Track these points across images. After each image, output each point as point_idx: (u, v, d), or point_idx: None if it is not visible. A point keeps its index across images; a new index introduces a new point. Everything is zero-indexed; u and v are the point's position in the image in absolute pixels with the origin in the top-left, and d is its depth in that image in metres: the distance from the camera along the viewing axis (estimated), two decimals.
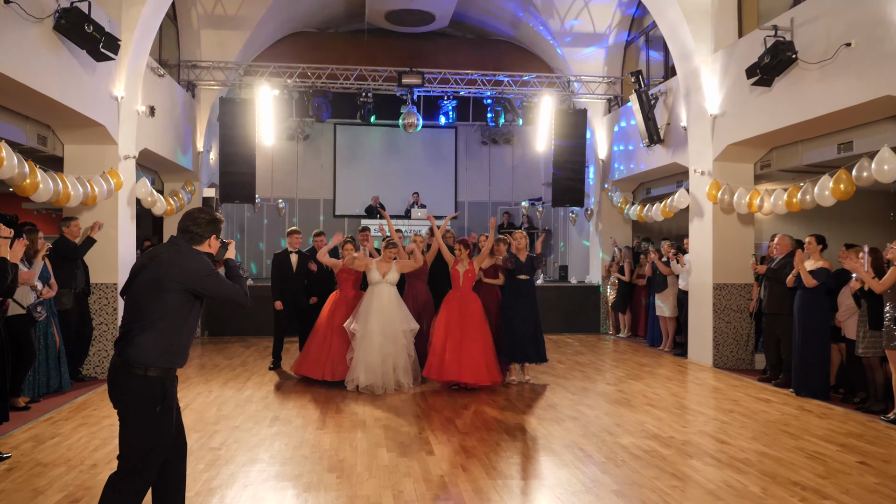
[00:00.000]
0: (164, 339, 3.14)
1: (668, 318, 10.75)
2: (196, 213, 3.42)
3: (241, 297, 3.32)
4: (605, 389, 7.64)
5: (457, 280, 7.85)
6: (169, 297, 3.14)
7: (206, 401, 6.91)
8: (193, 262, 3.22)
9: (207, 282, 3.21)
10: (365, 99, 12.50)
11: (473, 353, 7.52)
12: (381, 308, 7.55)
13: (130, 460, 3.15)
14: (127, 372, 3.11)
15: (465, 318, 7.62)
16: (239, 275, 3.50)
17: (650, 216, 11.28)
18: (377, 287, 7.67)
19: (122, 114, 8.40)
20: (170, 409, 3.21)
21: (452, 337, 7.51)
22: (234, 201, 12.26)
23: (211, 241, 3.41)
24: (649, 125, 10.76)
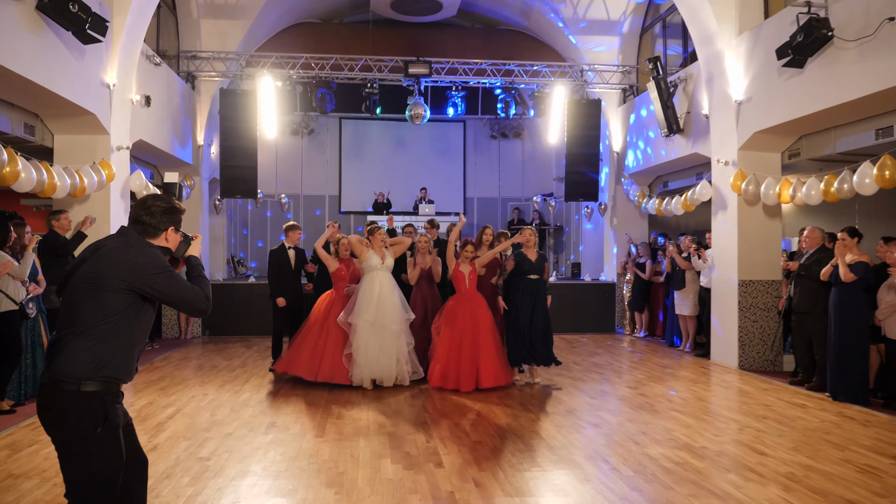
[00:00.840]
0: (98, 347, 2.62)
1: (689, 316, 10.23)
2: (150, 200, 2.89)
3: (199, 301, 2.78)
4: (626, 393, 7.15)
5: (462, 282, 7.41)
6: (109, 298, 2.64)
7: (199, 405, 6.47)
8: (139, 258, 2.69)
9: (156, 280, 2.68)
10: (370, 90, 12.04)
11: (488, 359, 7.19)
12: (381, 297, 7.22)
13: (78, 495, 2.61)
14: (56, 388, 2.59)
15: (476, 323, 7.25)
16: (201, 275, 2.92)
17: (669, 210, 10.77)
18: (375, 274, 7.28)
19: (115, 102, 7.98)
20: (114, 428, 2.65)
21: (466, 347, 7.18)
22: (235, 196, 11.84)
23: (168, 234, 2.88)
24: (668, 114, 10.25)
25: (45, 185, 6.45)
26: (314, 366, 7.40)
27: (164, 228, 2.85)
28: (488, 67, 12.47)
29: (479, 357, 7.16)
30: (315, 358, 7.42)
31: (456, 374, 7.13)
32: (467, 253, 7.48)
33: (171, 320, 11.66)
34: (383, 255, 7.49)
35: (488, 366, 7.17)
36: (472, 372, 7.13)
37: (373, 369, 7.24)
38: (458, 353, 7.16)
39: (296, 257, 8.45)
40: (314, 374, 7.37)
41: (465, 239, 7.75)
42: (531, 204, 16.42)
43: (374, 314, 7.15)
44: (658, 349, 10.51)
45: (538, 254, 7.82)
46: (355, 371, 7.26)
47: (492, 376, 7.16)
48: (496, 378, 7.19)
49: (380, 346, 7.23)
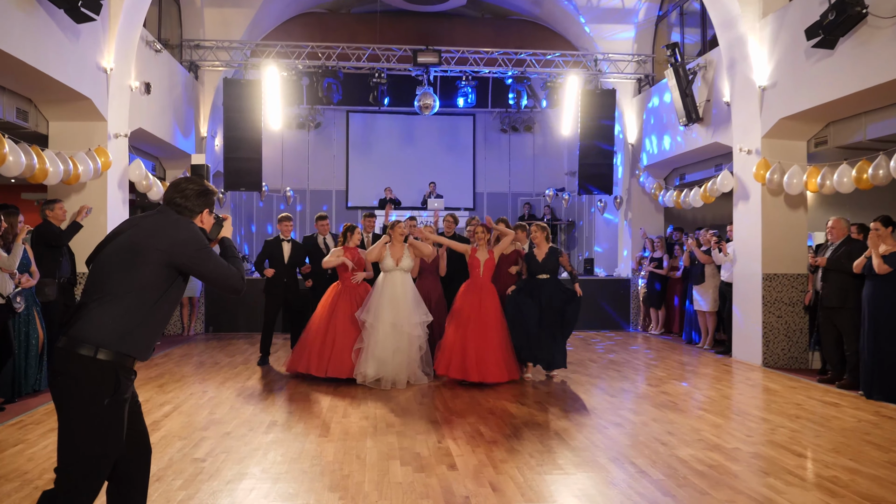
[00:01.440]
0: (126, 318, 2.54)
1: (708, 312, 9.84)
2: (183, 182, 2.85)
3: (236, 280, 2.76)
4: (648, 391, 6.78)
5: (476, 269, 7.12)
6: (144, 270, 2.57)
7: (198, 402, 6.15)
8: (183, 233, 2.65)
9: (198, 256, 2.65)
10: (378, 80, 11.69)
11: (495, 352, 6.86)
12: (394, 298, 6.91)
13: (70, 473, 2.48)
14: (71, 353, 2.49)
15: (484, 312, 6.93)
16: (236, 255, 2.92)
17: (688, 202, 10.37)
18: (391, 275, 6.97)
19: (112, 88, 7.68)
20: (121, 406, 2.53)
21: (473, 335, 6.83)
22: (239, 189, 11.52)
23: (203, 216, 2.86)
24: (687, 102, 9.86)
25: (35, 169, 6.14)
26: (323, 362, 7.10)
27: (198, 211, 2.82)
28: (499, 57, 12.11)
29: (485, 348, 6.81)
30: (324, 353, 7.12)
31: (461, 361, 6.79)
32: (479, 237, 7.14)
33: (173, 317, 11.36)
34: (399, 255, 7.12)
35: (494, 359, 6.83)
36: (477, 361, 6.77)
37: (385, 370, 6.90)
38: (462, 340, 6.83)
39: (291, 250, 8.18)
40: (324, 370, 7.08)
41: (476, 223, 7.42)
42: (542, 199, 16.07)
43: (387, 314, 6.84)
44: (676, 346, 10.12)
45: (549, 249, 7.45)
46: (364, 369, 6.95)
47: (496, 370, 6.82)
48: (500, 373, 6.85)
49: (392, 347, 6.89)
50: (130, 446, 2.68)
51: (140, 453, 2.75)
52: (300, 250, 8.42)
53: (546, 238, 7.53)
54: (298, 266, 8.40)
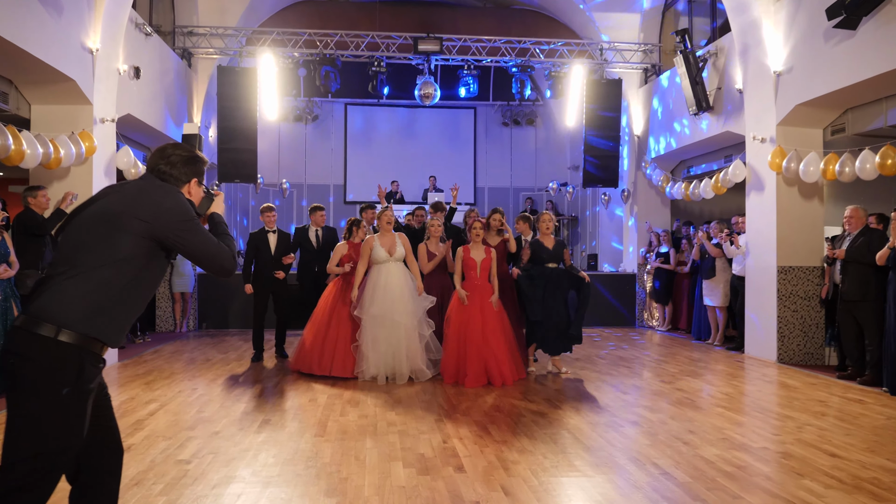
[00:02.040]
0: (96, 296, 2.21)
1: (719, 307, 9.50)
2: (169, 148, 2.53)
3: (226, 258, 2.43)
4: (662, 388, 6.43)
5: (472, 270, 6.72)
6: (122, 240, 2.25)
7: (186, 400, 5.79)
8: (168, 201, 2.33)
9: (183, 228, 2.31)
10: (378, 68, 11.34)
11: (500, 356, 6.52)
12: (387, 289, 6.60)
13: (14, 470, 2.11)
14: (29, 332, 2.16)
15: (486, 317, 6.56)
16: (227, 233, 2.60)
17: (697, 193, 10.04)
18: (385, 266, 6.67)
19: (98, 70, 7.31)
20: (83, 397, 2.20)
21: (474, 343, 6.48)
22: (233, 181, 11.15)
23: (191, 186, 2.53)
24: (697, 90, 9.52)
25: (10, 150, 5.76)
26: (326, 361, 6.83)
27: (185, 180, 2.50)
28: (502, 46, 11.76)
29: (488, 354, 6.48)
30: (326, 353, 6.85)
31: (472, 373, 6.45)
32: (476, 232, 6.79)
33: (165, 313, 11.00)
34: (392, 245, 6.81)
35: (499, 364, 6.50)
36: (480, 369, 6.46)
37: (384, 365, 6.61)
38: (465, 348, 6.49)
39: (277, 241, 7.87)
40: (328, 370, 6.81)
41: (474, 216, 7.06)
42: (544, 193, 15.74)
43: (380, 307, 6.55)
44: (685, 343, 9.79)
45: (556, 241, 7.17)
46: (362, 366, 6.67)
47: (500, 376, 6.51)
48: (510, 374, 6.57)
49: (389, 341, 6.59)
50: (98, 446, 2.34)
51: (109, 454, 2.40)
52: (286, 241, 8.12)
53: (555, 230, 7.31)
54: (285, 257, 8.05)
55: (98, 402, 2.32)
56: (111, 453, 2.40)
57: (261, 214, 8.19)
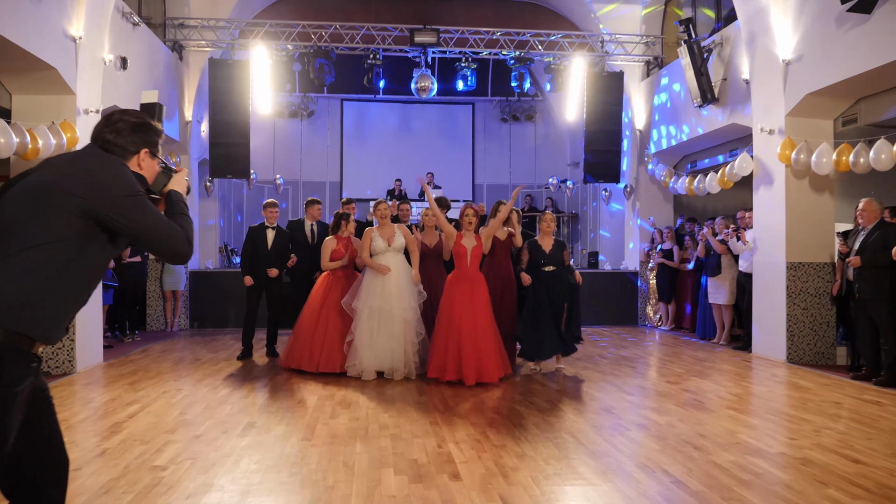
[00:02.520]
0: (22, 284, 1.91)
1: (725, 306, 9.23)
2: (117, 114, 2.20)
3: (179, 241, 2.10)
4: (668, 389, 6.15)
5: (463, 258, 6.42)
6: (54, 219, 1.95)
7: (169, 402, 5.50)
8: (106, 172, 2.02)
9: (124, 205, 2.00)
10: (373, 61, 11.06)
11: (491, 349, 6.23)
12: (388, 280, 6.39)
13: None
14: None
15: (476, 307, 6.25)
16: (184, 213, 2.24)
17: (702, 188, 9.76)
18: (382, 257, 6.42)
19: (82, 59, 7.02)
20: (8, 399, 1.88)
21: (468, 335, 6.15)
22: (226, 176, 10.88)
23: (141, 159, 2.19)
24: (702, 81, 9.25)
25: None
26: (314, 356, 6.63)
27: (134, 150, 2.17)
28: (501, 38, 11.47)
29: (480, 347, 6.16)
30: (315, 348, 6.65)
31: (457, 364, 6.13)
32: (469, 220, 6.49)
33: (156, 311, 10.72)
34: (391, 236, 6.58)
35: (490, 357, 6.20)
36: (475, 363, 6.13)
37: (379, 360, 6.40)
38: (457, 339, 6.15)
39: (275, 238, 7.68)
40: (315, 365, 6.62)
41: (467, 204, 6.78)
42: (543, 191, 15.47)
43: (379, 300, 6.33)
44: (689, 342, 9.51)
45: (555, 242, 6.93)
46: (356, 361, 6.45)
47: (493, 369, 6.20)
48: (497, 370, 6.24)
49: (388, 334, 6.37)
50: (36, 457, 2.05)
51: (50, 466, 2.09)
52: (284, 238, 7.95)
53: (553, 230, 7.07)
54: (281, 254, 7.88)
55: (35, 408, 2.02)
56: (53, 465, 2.09)
57: (263, 209, 7.93)
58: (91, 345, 7.26)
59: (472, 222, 6.54)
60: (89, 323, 7.23)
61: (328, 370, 6.57)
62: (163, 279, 10.58)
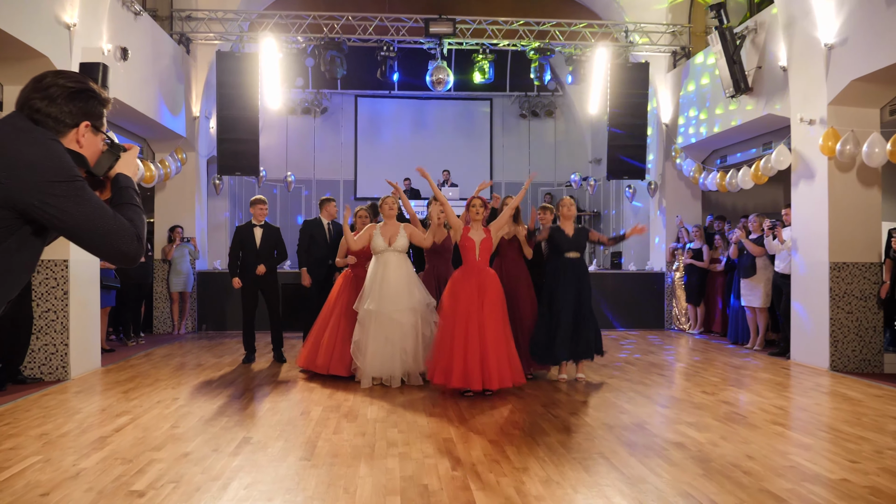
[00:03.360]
0: None
1: (759, 309, 8.66)
2: (50, 76, 1.77)
3: (124, 238, 1.69)
4: (704, 400, 5.62)
5: (471, 252, 5.90)
6: None
7: (162, 413, 5.09)
8: (31, 152, 1.62)
9: (56, 192, 1.61)
10: (387, 53, 10.62)
11: (499, 352, 5.64)
12: (386, 281, 6.00)
13: None
14: None
15: (484, 305, 5.70)
16: (133, 202, 1.82)
17: (735, 184, 9.20)
18: (382, 257, 6.12)
19: (77, 48, 6.65)
20: None
21: (473, 335, 5.60)
22: (234, 173, 10.50)
23: (80, 133, 1.77)
24: (735, 70, 8.69)
25: None
26: (324, 357, 6.41)
27: (71, 124, 1.75)
28: (520, 28, 10.98)
29: (490, 350, 5.57)
30: (325, 348, 6.41)
31: (462, 369, 5.56)
32: (476, 210, 5.97)
33: (163, 313, 10.37)
34: (394, 235, 6.18)
35: (497, 364, 5.61)
36: (482, 367, 5.57)
37: (376, 366, 6.02)
38: (463, 343, 5.57)
39: (263, 236, 7.40)
40: (326, 367, 6.39)
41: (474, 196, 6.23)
42: (564, 188, 14.94)
43: (376, 302, 5.96)
44: (721, 347, 8.95)
45: (577, 227, 6.43)
46: (357, 364, 6.14)
47: (500, 377, 5.61)
48: (501, 378, 5.62)
49: (383, 339, 5.98)
50: None
51: None
52: (274, 236, 7.58)
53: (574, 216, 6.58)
54: (271, 253, 7.53)
55: None
56: None
57: (250, 206, 7.63)
58: (87, 350, 6.89)
59: (480, 213, 6.03)
60: (86, 326, 6.87)
61: (337, 373, 6.33)
62: (169, 280, 10.23)
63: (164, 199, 10.53)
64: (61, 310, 6.51)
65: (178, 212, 10.47)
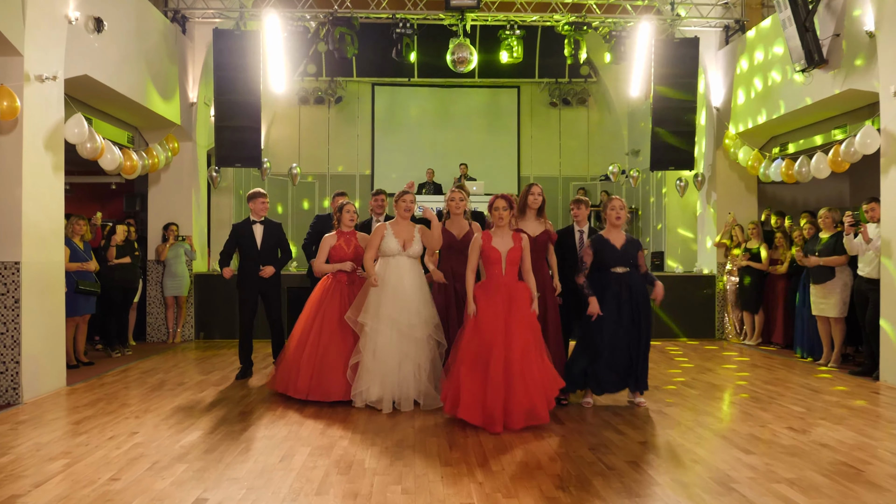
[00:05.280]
0: None
1: (834, 319, 7.38)
2: None
3: None
4: (796, 442, 4.40)
5: (495, 265, 4.79)
6: None
7: (106, 457, 4.02)
8: None
9: None
10: (402, 30, 9.50)
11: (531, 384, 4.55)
12: (400, 290, 5.02)
13: None
14: None
15: (512, 328, 4.60)
16: None
17: (806, 172, 7.92)
18: (394, 261, 5.09)
19: (32, 13, 5.66)
20: None
21: (498, 368, 4.51)
22: (234, 164, 9.50)
23: None
24: (807, 39, 7.40)
25: None
26: (303, 379, 5.29)
27: None
28: (553, 0, 9.79)
29: (518, 387, 4.51)
30: (304, 368, 5.30)
31: (481, 406, 4.52)
32: (500, 214, 4.84)
33: (157, 320, 9.40)
34: (409, 239, 5.19)
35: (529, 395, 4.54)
36: (506, 407, 4.53)
37: (380, 388, 5.04)
38: (483, 378, 4.53)
39: (264, 234, 6.49)
40: (305, 392, 5.28)
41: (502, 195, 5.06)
42: (598, 183, 13.71)
43: (391, 311, 4.98)
44: (787, 362, 7.69)
45: (627, 238, 5.23)
46: (363, 387, 5.09)
47: (531, 412, 4.57)
48: (536, 416, 4.59)
49: (401, 356, 5.02)
50: None
51: None
52: (276, 233, 6.66)
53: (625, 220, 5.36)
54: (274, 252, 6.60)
55: None
56: None
57: (248, 200, 6.67)
58: (47, 367, 5.89)
59: (505, 217, 4.88)
60: (46, 340, 5.87)
61: (319, 398, 5.23)
62: (164, 283, 9.25)
63: (158, 193, 9.55)
64: (11, 321, 5.50)
65: (173, 208, 9.48)
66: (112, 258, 7.91)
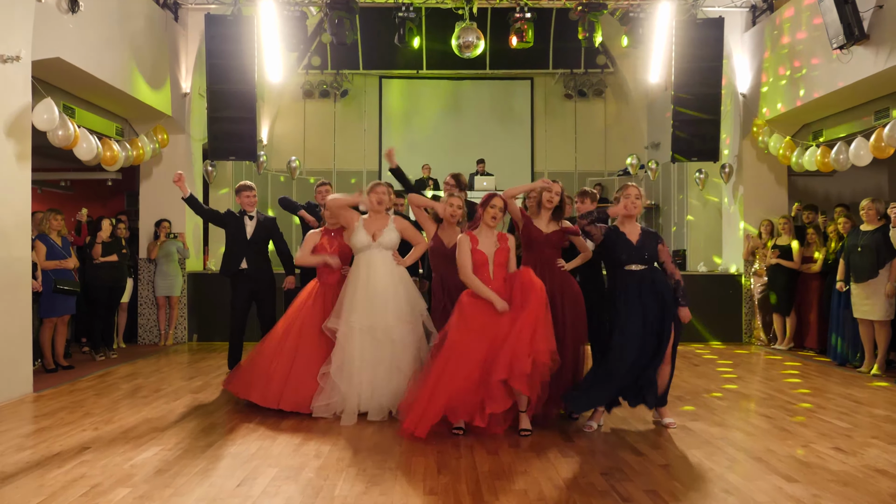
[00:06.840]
0: None
1: (878, 322, 6.69)
2: None
3: None
4: (847, 468, 3.75)
5: (482, 268, 4.30)
6: None
7: (41, 477, 3.49)
8: None
9: None
10: (405, 14, 8.94)
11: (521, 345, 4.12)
12: (372, 289, 4.53)
13: None
14: None
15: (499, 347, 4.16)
16: None
17: (844, 160, 7.23)
18: (366, 255, 4.64)
19: None
20: None
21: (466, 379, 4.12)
22: (227, 158, 8.97)
23: None
24: (846, 12, 6.72)
25: None
26: (274, 386, 4.78)
27: None
28: None
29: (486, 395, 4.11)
30: (275, 373, 4.81)
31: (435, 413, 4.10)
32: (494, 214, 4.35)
33: (148, 321, 8.93)
34: (380, 229, 4.71)
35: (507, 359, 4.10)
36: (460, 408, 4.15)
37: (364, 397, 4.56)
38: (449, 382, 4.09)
39: (255, 228, 6.15)
40: (275, 400, 4.77)
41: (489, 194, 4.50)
42: (616, 178, 13.03)
43: (363, 314, 4.49)
44: (824, 369, 7.00)
45: (643, 230, 4.57)
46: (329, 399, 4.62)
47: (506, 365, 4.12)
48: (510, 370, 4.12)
49: (373, 361, 4.54)
50: None
51: None
52: (269, 229, 6.33)
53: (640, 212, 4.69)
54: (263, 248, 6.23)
55: None
56: None
57: (237, 194, 6.25)
58: (12, 373, 5.41)
59: (498, 218, 4.39)
60: (11, 344, 5.39)
61: (292, 409, 4.73)
62: (155, 283, 8.79)
63: (150, 188, 9.09)
64: None
65: (165, 203, 8.99)
66: (98, 256, 7.45)
